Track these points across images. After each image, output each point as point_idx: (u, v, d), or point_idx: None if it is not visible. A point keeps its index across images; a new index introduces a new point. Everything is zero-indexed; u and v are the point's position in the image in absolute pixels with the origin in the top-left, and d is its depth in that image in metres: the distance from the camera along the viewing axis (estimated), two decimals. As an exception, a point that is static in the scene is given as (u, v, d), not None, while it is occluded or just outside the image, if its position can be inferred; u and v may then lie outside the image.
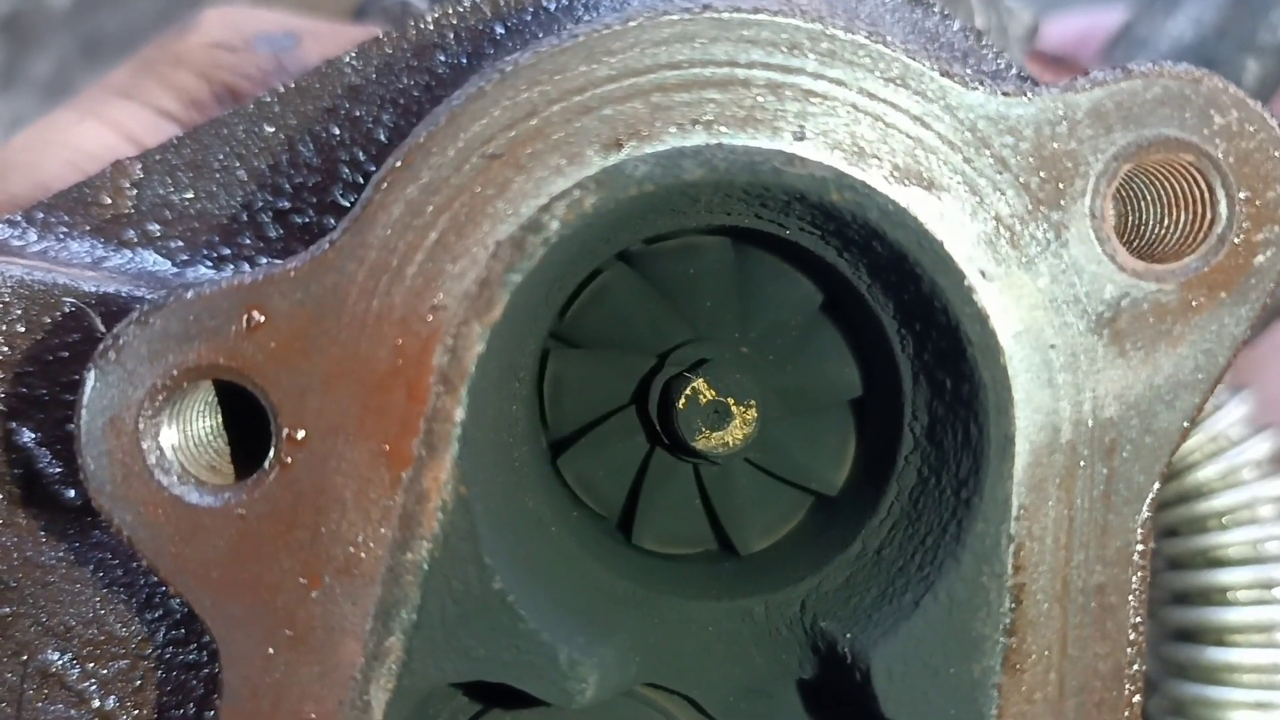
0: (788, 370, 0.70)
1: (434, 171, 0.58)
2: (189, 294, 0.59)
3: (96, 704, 0.70)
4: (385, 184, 0.58)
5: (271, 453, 0.60)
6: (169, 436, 0.60)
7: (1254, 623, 0.91)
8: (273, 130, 0.77)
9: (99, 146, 0.91)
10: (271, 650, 0.60)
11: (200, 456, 0.62)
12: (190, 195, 0.77)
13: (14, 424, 0.70)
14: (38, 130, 0.93)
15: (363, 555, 0.60)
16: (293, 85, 0.77)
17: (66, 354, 0.70)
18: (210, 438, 0.62)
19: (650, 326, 0.70)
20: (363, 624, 0.60)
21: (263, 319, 0.59)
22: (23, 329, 0.70)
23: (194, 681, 0.70)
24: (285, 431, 0.59)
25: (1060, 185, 0.59)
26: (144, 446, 0.59)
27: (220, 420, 0.63)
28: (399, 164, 0.58)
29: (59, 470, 0.70)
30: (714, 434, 0.68)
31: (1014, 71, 0.71)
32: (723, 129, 0.58)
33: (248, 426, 0.63)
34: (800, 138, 0.58)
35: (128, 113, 0.93)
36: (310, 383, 0.59)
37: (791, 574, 0.69)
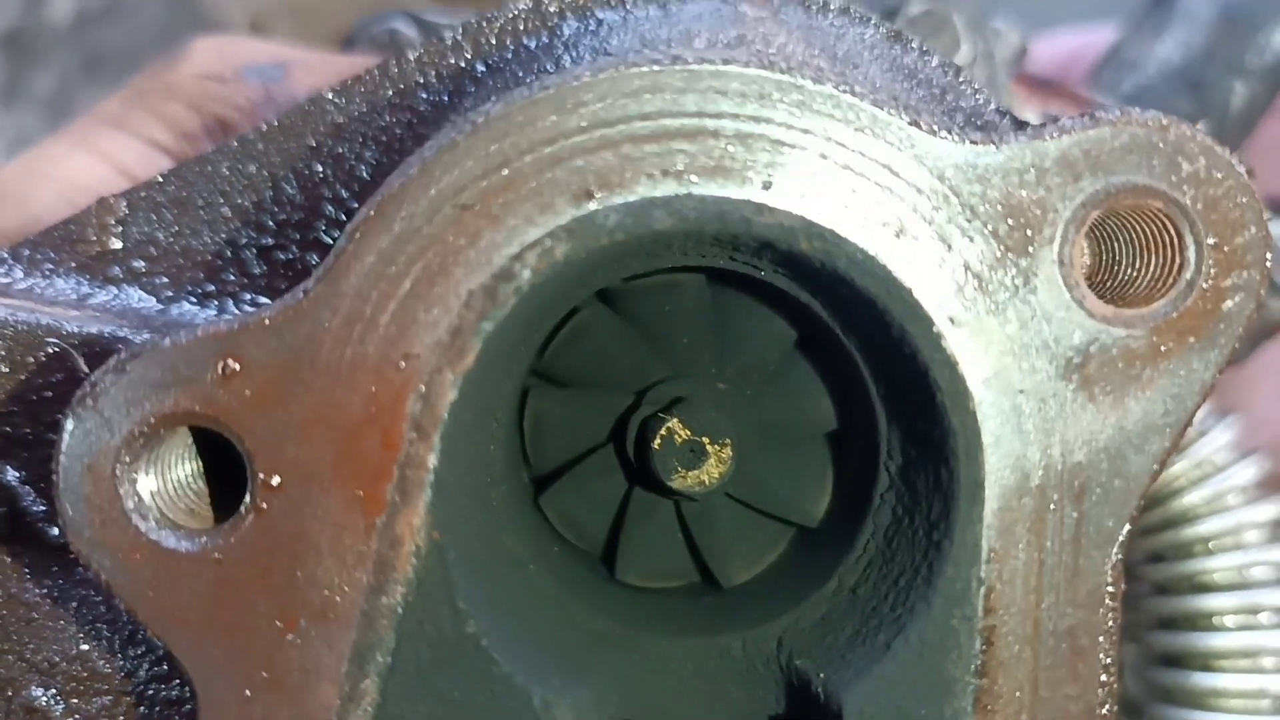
0: (765, 404, 0.71)
1: (406, 221, 0.59)
2: (166, 342, 0.60)
3: (80, 740, 0.70)
4: (358, 234, 0.59)
5: (248, 498, 0.60)
6: (146, 482, 0.61)
7: (1239, 648, 0.92)
8: (256, 168, 0.78)
9: (90, 178, 0.92)
10: (248, 693, 0.61)
11: (179, 501, 0.62)
12: (175, 232, 0.78)
13: (-1, 463, 0.71)
14: (28, 161, 0.94)
15: (338, 599, 0.60)
16: (276, 123, 0.78)
17: (50, 394, 0.71)
18: (189, 481, 0.63)
19: (628, 364, 0.71)
20: (338, 667, 0.61)
21: (238, 367, 0.60)
22: (6, 369, 0.71)
23: (176, 718, 0.71)
24: (261, 477, 0.60)
25: (1029, 232, 0.59)
26: (121, 492, 0.60)
27: (199, 464, 0.64)
28: (372, 213, 0.59)
29: (42, 509, 0.71)
30: (690, 473, 0.68)
31: (992, 106, 0.71)
32: (693, 179, 0.59)
33: (228, 468, 0.64)
34: (769, 187, 0.59)
35: (119, 144, 0.94)
36: (286, 430, 0.60)
37: (769, 610, 0.69)
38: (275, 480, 0.60)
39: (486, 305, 0.59)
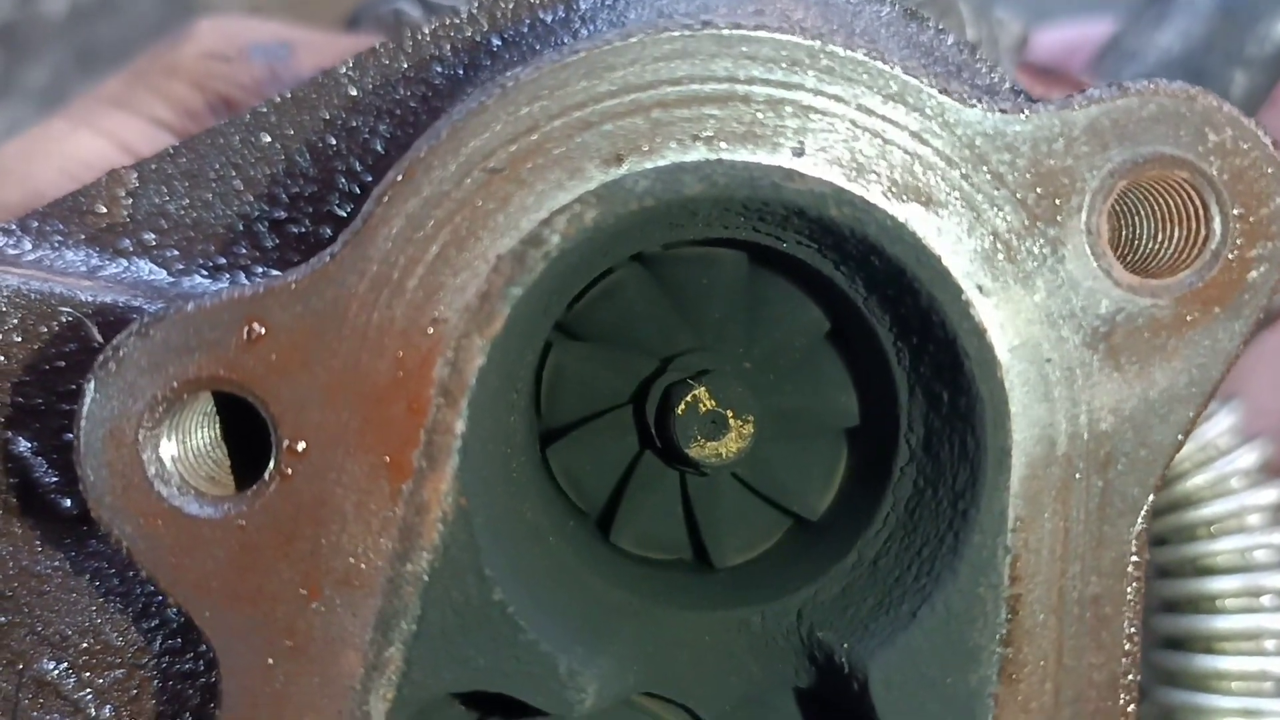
0: (786, 391, 0.71)
1: (435, 185, 0.59)
2: (190, 306, 0.59)
3: (92, 713, 0.70)
4: (386, 197, 0.59)
5: (271, 464, 0.60)
6: (169, 448, 0.60)
7: (1242, 630, 0.92)
8: (269, 140, 0.77)
9: (93, 155, 0.91)
10: (271, 661, 0.60)
11: (200, 468, 0.62)
12: (186, 204, 0.77)
13: (10, 433, 0.70)
14: (31, 138, 0.93)
15: (363, 566, 0.60)
16: (289, 95, 0.78)
17: (63, 364, 0.70)
18: (210, 448, 0.63)
19: (657, 329, 0.70)
20: (363, 634, 0.60)
21: (263, 331, 0.59)
22: (19, 338, 0.70)
23: (190, 691, 0.70)
24: (285, 443, 0.59)
25: (1056, 201, 0.59)
26: (144, 458, 0.60)
27: (219, 431, 0.63)
28: (400, 177, 0.59)
29: (55, 480, 0.70)
30: (709, 444, 0.68)
31: (1007, 85, 0.72)
32: (722, 144, 0.59)
33: (248, 437, 0.63)
34: (799, 154, 0.59)
35: (121, 122, 0.93)
36: (311, 395, 0.59)
37: (788, 584, 0.69)
38: (300, 446, 0.59)
39: (515, 270, 0.59)
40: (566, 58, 0.58)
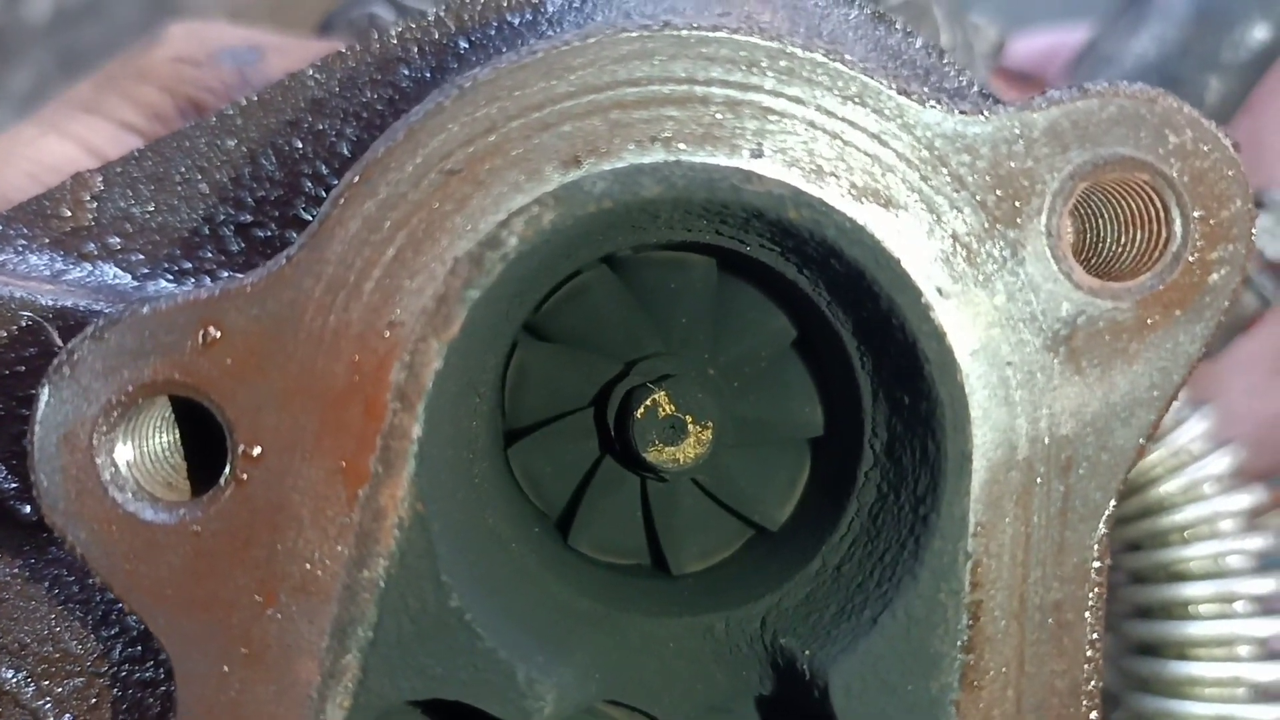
0: (751, 400, 0.71)
1: (392, 187, 0.58)
2: (145, 309, 0.59)
3: (51, 721, 0.69)
4: (343, 199, 0.58)
5: (227, 469, 0.59)
6: (124, 453, 0.60)
7: (1215, 637, 0.92)
8: (235, 143, 0.77)
9: (61, 160, 0.90)
10: (227, 668, 0.60)
11: (156, 473, 0.61)
12: (151, 208, 0.77)
13: (-31, 439, 0.69)
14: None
15: (319, 573, 0.59)
16: (255, 98, 0.77)
17: (23, 368, 0.70)
18: (166, 453, 0.62)
19: (623, 332, 0.70)
20: (319, 642, 0.60)
21: (219, 335, 0.59)
22: (-22, 343, 0.69)
23: (150, 699, 0.70)
24: (241, 448, 0.59)
25: (1017, 203, 0.59)
26: (98, 463, 0.59)
27: (177, 436, 0.63)
28: (356, 179, 0.58)
29: (14, 486, 0.70)
30: (666, 449, 0.68)
31: (975, 89, 0.71)
32: (681, 146, 0.58)
33: (206, 441, 0.63)
34: (758, 155, 0.58)
35: (91, 127, 0.93)
36: (266, 399, 0.59)
37: (751, 590, 0.69)
38: (256, 451, 0.59)
39: (473, 273, 0.58)
40: (524, 58, 0.58)
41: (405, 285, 0.58)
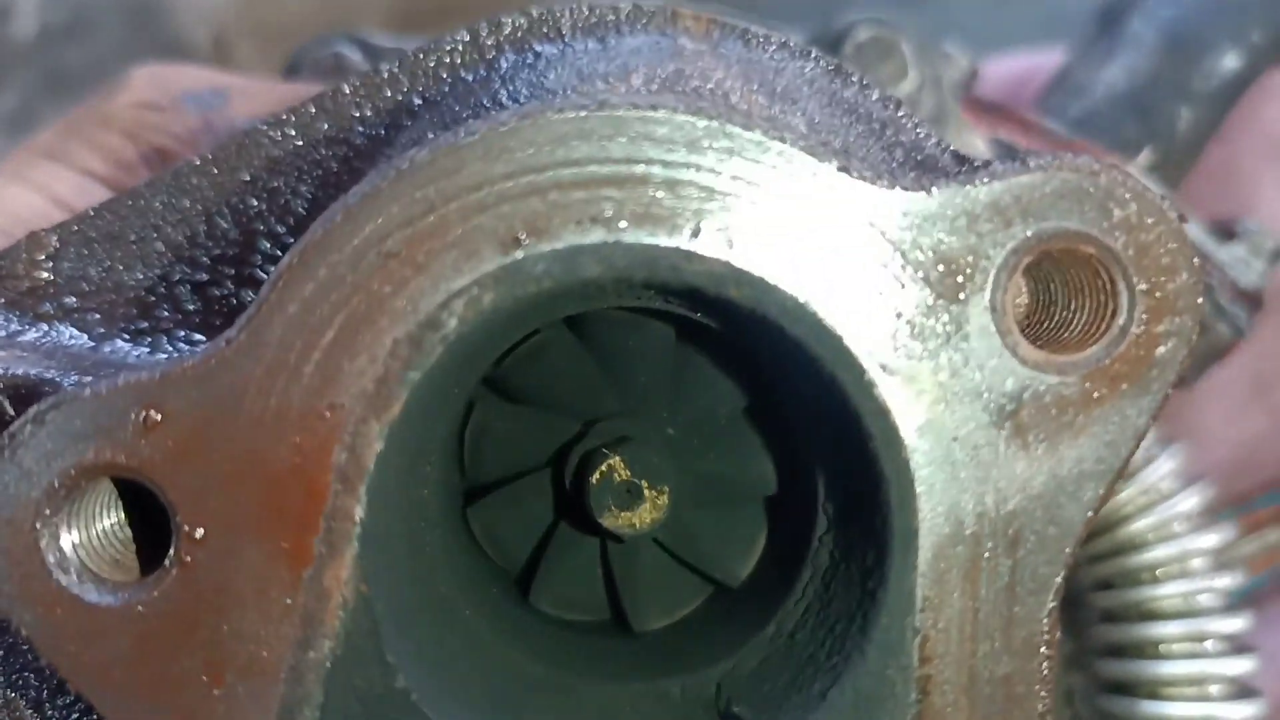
0: (709, 459, 0.71)
1: (330, 269, 0.58)
2: (86, 392, 0.59)
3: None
4: (281, 282, 0.58)
5: (171, 551, 0.59)
6: (68, 535, 0.60)
7: (1187, 675, 0.91)
8: (190, 202, 0.77)
9: (24, 209, 0.90)
10: (174, 750, 0.60)
11: (103, 552, 0.61)
12: (107, 267, 0.77)
13: (-78, 509, 0.69)
14: (-38, 193, 0.92)
15: (265, 654, 0.59)
16: (210, 156, 0.77)
17: (-26, 439, 0.70)
18: (113, 531, 0.62)
19: (581, 391, 0.70)
20: (266, 723, 0.60)
21: (160, 418, 0.58)
22: (-72, 413, 0.69)
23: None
24: (185, 529, 0.59)
25: (960, 279, 0.59)
26: (42, 546, 0.59)
27: (122, 515, 0.62)
28: (295, 261, 0.58)
29: (-32, 555, 0.69)
30: (623, 514, 0.68)
31: (933, 141, 0.71)
32: (621, 225, 0.58)
33: (155, 515, 0.62)
34: (697, 234, 0.58)
35: (54, 175, 0.92)
36: (209, 481, 0.59)
37: (707, 655, 0.69)
38: (199, 533, 0.59)
39: (412, 355, 0.58)
40: (462, 139, 0.58)
41: (345, 368, 0.58)
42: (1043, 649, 0.61)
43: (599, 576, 0.73)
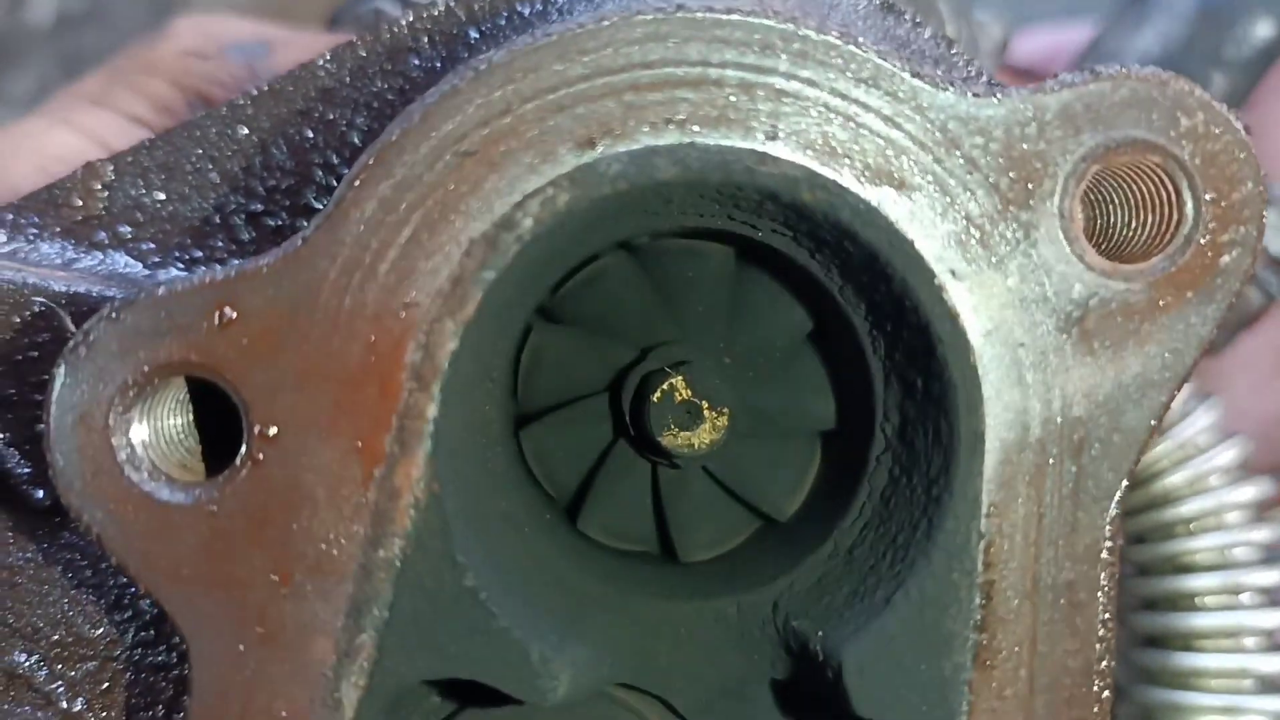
0: (764, 390, 0.71)
1: (407, 169, 0.59)
2: (160, 290, 0.59)
3: (64, 705, 0.69)
4: (358, 180, 0.58)
5: (243, 449, 0.59)
6: (139, 433, 0.60)
7: (1221, 628, 0.92)
8: (246, 133, 0.77)
9: (70, 152, 0.91)
10: (242, 648, 0.60)
11: (171, 454, 0.61)
12: (162, 197, 0.77)
13: (-19, 425, 0.70)
14: (7, 136, 0.93)
15: (334, 553, 0.60)
16: (266, 88, 0.77)
17: (36, 354, 0.70)
18: (181, 435, 0.62)
19: (639, 318, 0.70)
20: (334, 621, 0.60)
21: (234, 315, 0.59)
22: (-8, 329, 0.70)
23: (163, 683, 0.70)
24: (257, 428, 0.59)
25: (1029, 186, 0.59)
26: (114, 443, 0.59)
27: (191, 418, 0.63)
28: (372, 161, 0.58)
29: (28, 471, 0.70)
30: (682, 433, 0.68)
31: (984, 79, 0.72)
32: (695, 128, 0.59)
33: (221, 424, 0.63)
34: (773, 137, 0.59)
35: (99, 119, 0.93)
36: (282, 379, 0.59)
37: (763, 575, 0.69)
38: (271, 431, 0.59)
39: (488, 254, 0.59)
40: (539, 41, 0.58)
41: (420, 267, 0.59)
42: (1105, 555, 0.61)
43: (648, 506, 0.73)
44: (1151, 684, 0.93)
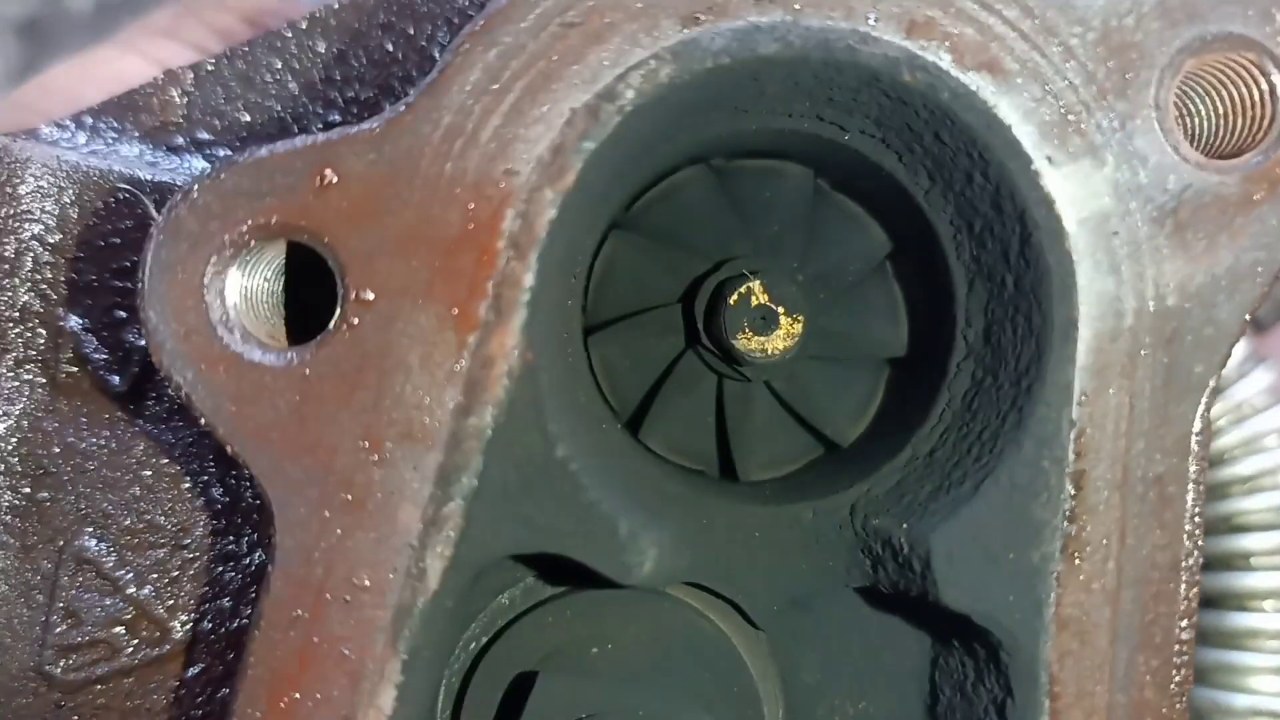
0: (836, 314, 0.71)
1: (512, 37, 0.59)
2: (263, 151, 0.59)
3: (131, 591, 0.68)
4: (464, 46, 0.59)
5: (338, 313, 0.59)
6: (233, 294, 0.60)
7: (1276, 588, 0.91)
8: (325, 45, 0.78)
9: (139, 80, 0.91)
10: (328, 514, 0.59)
11: (261, 322, 0.61)
12: (240, 106, 0.78)
13: (63, 310, 0.69)
14: (79, 61, 0.93)
15: (426, 419, 0.59)
16: (347, 1, 0.78)
17: (118, 240, 0.70)
18: (271, 308, 0.62)
19: (714, 234, 0.70)
20: (423, 490, 0.59)
21: (335, 179, 0.59)
22: (75, 214, 0.70)
23: (232, 573, 0.69)
24: (354, 293, 0.59)
25: (1126, 76, 0.60)
26: (208, 302, 0.59)
27: (281, 293, 0.63)
28: (479, 27, 0.59)
29: (104, 357, 0.70)
30: (756, 337, 0.68)
31: None
32: (799, 7, 0.59)
33: (305, 311, 0.63)
34: (874, 19, 0.59)
35: (170, 50, 0.93)
36: (380, 244, 0.59)
37: (838, 484, 0.69)
38: (368, 295, 0.59)
39: (589, 124, 0.59)
40: (647, -83, 0.59)
41: (522, 135, 0.59)
42: (1195, 449, 0.61)
43: (710, 422, 0.73)
44: (1204, 644, 0.92)
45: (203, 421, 0.59)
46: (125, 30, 0.97)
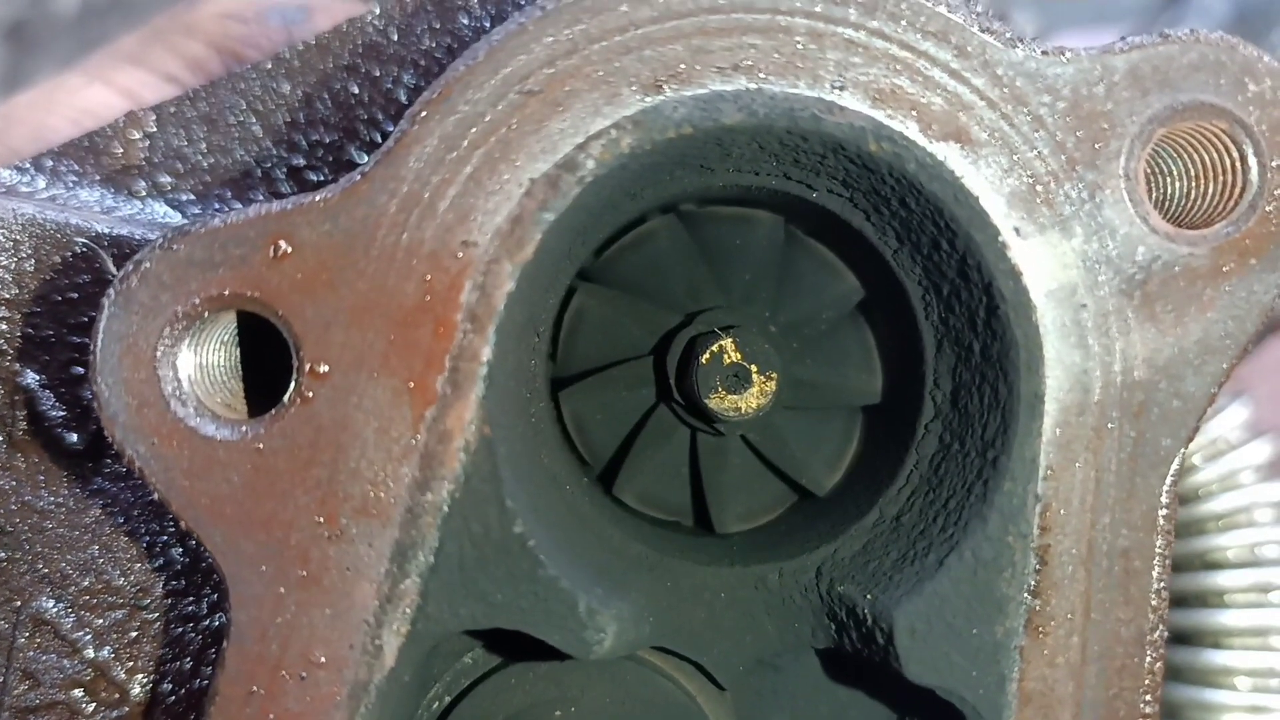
0: (809, 363, 0.70)
1: (470, 105, 0.58)
2: (215, 220, 0.58)
3: (90, 654, 0.68)
4: (421, 114, 0.58)
5: (292, 386, 0.58)
6: (187, 366, 0.59)
7: (1250, 626, 0.91)
8: (290, 87, 0.77)
9: (105, 109, 0.90)
10: (283, 590, 0.59)
11: (216, 393, 0.60)
12: (204, 149, 0.76)
13: (19, 365, 0.69)
14: (45, 90, 0.92)
15: (381, 495, 0.59)
16: (313, 42, 0.77)
17: (75, 295, 0.69)
18: (226, 376, 0.61)
19: (685, 284, 0.70)
20: (378, 566, 0.59)
21: (289, 249, 0.58)
22: (31, 267, 0.69)
23: (192, 634, 0.69)
24: (308, 365, 0.58)
25: (1096, 145, 0.59)
26: (161, 375, 0.58)
27: (238, 359, 0.62)
28: (435, 95, 0.58)
29: (62, 414, 0.69)
30: (729, 396, 0.67)
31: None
32: (763, 75, 0.58)
33: (262, 369, 0.62)
34: (840, 87, 0.58)
35: (136, 78, 0.92)
36: (335, 316, 0.58)
37: (805, 543, 0.68)
38: (323, 368, 0.58)
39: (549, 194, 0.58)
40: (608, -17, 0.58)
41: (480, 205, 0.58)
42: (1162, 523, 0.60)
43: (684, 475, 0.72)
44: (1179, 681, 0.92)
45: (156, 496, 0.59)
46: (92, 57, 0.95)
